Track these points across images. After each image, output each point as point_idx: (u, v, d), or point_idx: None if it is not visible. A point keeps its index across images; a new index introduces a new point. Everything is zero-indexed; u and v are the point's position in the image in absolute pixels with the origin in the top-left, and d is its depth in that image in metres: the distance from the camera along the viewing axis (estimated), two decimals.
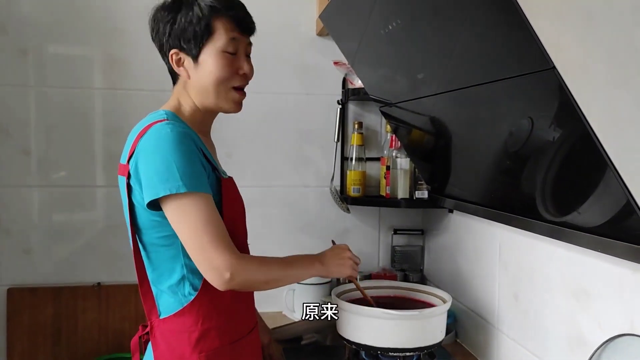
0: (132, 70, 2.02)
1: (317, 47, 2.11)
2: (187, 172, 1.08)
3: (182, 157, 1.08)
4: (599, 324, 1.17)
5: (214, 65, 1.18)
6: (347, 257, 1.34)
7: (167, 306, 1.18)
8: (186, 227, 1.09)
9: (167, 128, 1.11)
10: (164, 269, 1.18)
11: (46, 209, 2.01)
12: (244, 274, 1.10)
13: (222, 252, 1.08)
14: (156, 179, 1.08)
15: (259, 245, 1.35)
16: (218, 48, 1.18)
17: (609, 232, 1.02)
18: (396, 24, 1.24)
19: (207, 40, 1.17)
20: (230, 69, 1.19)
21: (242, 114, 2.05)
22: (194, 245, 1.09)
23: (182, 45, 1.19)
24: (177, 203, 1.09)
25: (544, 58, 0.84)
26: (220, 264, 1.08)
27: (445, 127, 1.54)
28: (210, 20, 1.17)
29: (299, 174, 2.14)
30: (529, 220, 1.26)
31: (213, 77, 1.19)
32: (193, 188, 1.08)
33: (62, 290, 1.97)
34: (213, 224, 1.09)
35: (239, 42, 1.20)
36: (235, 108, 1.25)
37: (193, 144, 1.12)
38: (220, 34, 1.17)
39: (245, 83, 1.24)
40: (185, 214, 1.09)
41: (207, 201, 1.10)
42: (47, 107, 1.99)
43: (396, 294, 1.67)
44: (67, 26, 1.98)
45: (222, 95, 1.21)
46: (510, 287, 1.53)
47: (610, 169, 0.87)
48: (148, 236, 1.17)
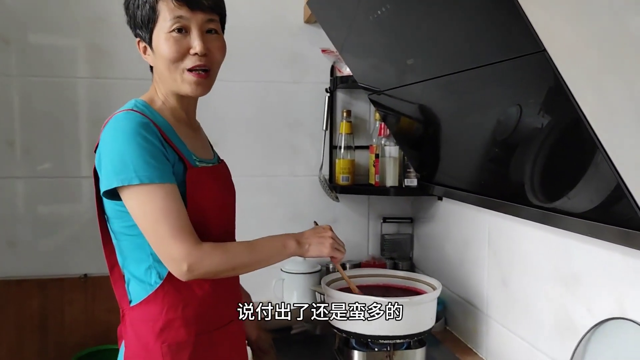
0: (116, 59, 1.98)
1: (305, 35, 2.09)
2: (141, 164, 1.06)
3: (137, 148, 1.06)
4: (588, 308, 1.18)
5: (162, 48, 1.14)
6: (327, 236, 1.30)
7: (136, 294, 1.17)
8: (143, 218, 1.09)
9: (124, 118, 1.10)
10: (132, 257, 1.17)
11: (31, 201, 1.98)
12: (205, 264, 1.09)
13: (179, 243, 1.07)
14: (110, 170, 1.08)
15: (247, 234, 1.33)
16: (164, 29, 1.13)
17: (599, 216, 1.02)
18: (385, 9, 1.22)
19: (155, 24, 1.14)
20: (177, 49, 1.13)
21: (229, 103, 2.07)
22: (153, 236, 1.09)
23: (138, 33, 1.18)
24: (133, 194, 1.08)
25: (534, 41, 0.84)
26: (178, 255, 1.07)
27: (434, 114, 1.53)
28: (155, 2, 1.13)
29: (287, 163, 2.13)
30: (518, 206, 1.26)
31: (163, 61, 1.15)
32: (147, 179, 1.06)
33: (48, 282, 1.94)
34: (171, 215, 1.07)
35: (190, 20, 1.13)
36: (194, 90, 1.17)
37: (152, 134, 1.09)
38: (165, 15, 1.13)
39: (201, 63, 1.15)
40: (141, 205, 1.08)
41: (165, 191, 1.08)
42: (31, 96, 1.95)
43: (385, 282, 1.66)
44: (50, 15, 1.95)
45: (178, 78, 1.16)
46: (499, 274, 1.53)
47: (600, 152, 0.87)
48: (115, 225, 1.17)
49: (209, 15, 1.15)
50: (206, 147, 1.32)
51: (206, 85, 1.18)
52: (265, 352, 1.49)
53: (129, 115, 1.11)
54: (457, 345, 1.73)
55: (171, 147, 1.13)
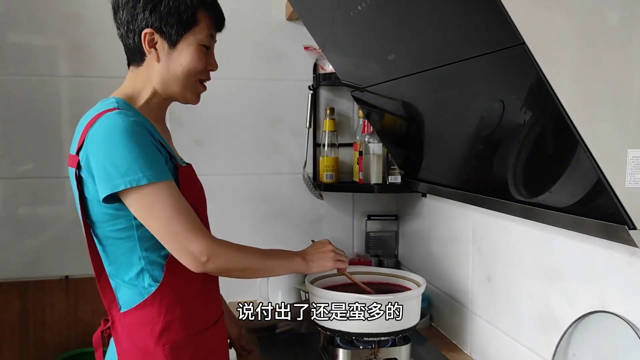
0: (97, 57, 1.96)
1: (287, 32, 2.08)
2: (147, 163, 1.06)
3: (139, 147, 1.06)
4: (571, 302, 1.18)
5: (190, 56, 1.17)
6: (328, 250, 1.33)
7: (127, 299, 1.15)
8: (155, 218, 1.08)
9: (119, 117, 1.07)
10: (121, 262, 1.15)
11: (11, 202, 1.95)
12: (222, 258, 1.10)
13: (197, 237, 1.08)
14: (114, 172, 1.05)
15: (231, 233, 1.32)
16: (198, 40, 1.17)
17: (581, 210, 1.02)
18: (365, 4, 1.22)
19: (189, 30, 1.17)
20: (203, 62, 1.19)
21: (211, 101, 2.04)
22: (167, 234, 1.08)
23: (161, 28, 1.15)
24: (140, 195, 1.06)
25: (513, 34, 0.83)
26: (196, 248, 1.08)
27: (417, 111, 1.53)
28: (196, 10, 1.16)
29: (271, 161, 2.12)
30: (502, 201, 1.26)
31: (186, 67, 1.18)
32: (155, 178, 1.06)
33: (28, 284, 1.91)
34: (182, 211, 1.08)
35: (213, 39, 1.22)
36: (197, 100, 1.25)
37: (147, 133, 1.10)
38: (202, 27, 1.18)
39: (209, 78, 1.26)
40: (151, 206, 1.07)
41: (172, 189, 1.09)
42: (9, 96, 1.92)
43: (370, 279, 1.65)
44: (29, 13, 1.92)
45: (190, 86, 1.20)
46: (483, 269, 1.54)
47: (581, 146, 0.87)
48: (102, 230, 1.14)
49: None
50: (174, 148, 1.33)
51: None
52: (250, 351, 1.48)
53: (122, 115, 1.08)
54: (442, 341, 1.73)
55: (162, 145, 1.14)
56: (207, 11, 1.18)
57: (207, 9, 1.18)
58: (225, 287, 1.41)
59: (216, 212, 1.36)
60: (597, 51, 0.85)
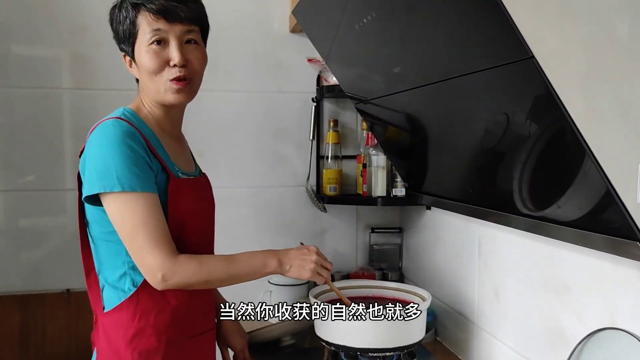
0: (100, 70, 1.96)
1: (290, 44, 2.08)
2: (125, 171, 1.09)
3: (122, 155, 1.09)
4: (580, 318, 1.16)
5: (143, 60, 1.17)
6: (310, 259, 1.23)
7: (109, 300, 1.18)
8: (123, 226, 1.11)
9: (112, 125, 1.12)
10: (108, 263, 1.18)
11: (12, 214, 1.93)
12: (179, 275, 1.11)
13: (155, 253, 1.09)
14: (94, 176, 1.10)
15: (234, 245, 1.31)
16: (144, 43, 1.16)
17: (589, 224, 1.01)
18: (370, 17, 1.21)
19: (135, 38, 1.17)
20: (157, 61, 1.16)
21: (215, 113, 2.05)
22: (131, 244, 1.11)
23: (122, 47, 1.21)
24: (114, 201, 1.10)
25: (522, 48, 0.83)
26: (154, 264, 1.09)
27: (421, 123, 1.52)
28: (135, 17, 1.16)
29: (274, 173, 2.11)
30: (508, 215, 1.25)
31: (146, 73, 1.18)
32: (129, 187, 1.09)
33: (29, 297, 1.89)
34: (149, 224, 1.10)
35: (168, 32, 1.16)
36: (177, 98, 1.19)
37: (137, 143, 1.12)
38: (144, 29, 1.16)
39: (180, 74, 1.17)
40: (121, 213, 1.11)
41: (146, 200, 1.10)
42: (12, 108, 1.92)
43: (375, 293, 1.64)
44: (33, 25, 1.92)
45: (161, 88, 1.19)
46: (490, 284, 1.52)
47: (589, 158, 0.86)
48: (94, 230, 1.19)
49: (187, 26, 1.18)
50: (188, 160, 1.34)
51: (188, 93, 1.21)
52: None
53: (117, 123, 1.13)
54: (448, 356, 1.70)
55: (156, 157, 1.16)
56: (144, 11, 1.16)
57: (144, 9, 1.16)
58: (229, 298, 1.40)
59: (219, 224, 1.35)
60: (606, 64, 0.84)
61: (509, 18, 0.81)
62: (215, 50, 2.00)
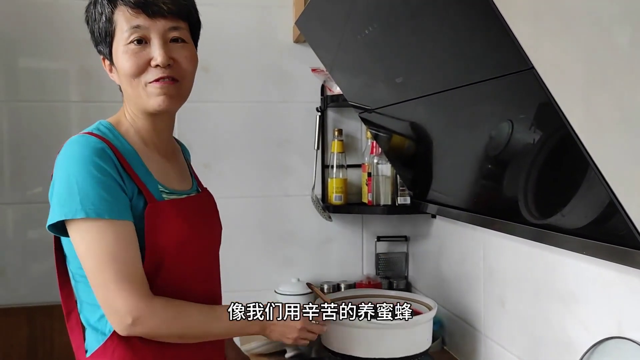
0: (106, 82, 1.94)
1: (294, 54, 2.09)
2: (90, 195, 0.93)
3: (86, 176, 0.94)
4: (587, 327, 1.16)
5: (120, 62, 1.02)
6: (292, 336, 1.14)
7: (90, 344, 1.04)
8: (87, 260, 0.96)
9: (77, 142, 0.98)
10: (87, 302, 1.04)
11: (20, 227, 1.95)
12: (152, 322, 0.95)
13: (124, 293, 0.93)
14: (55, 201, 0.96)
15: (240, 256, 1.32)
16: (122, 42, 1.01)
17: (593, 233, 1.00)
18: (372, 28, 1.22)
19: (113, 37, 1.02)
20: (136, 62, 1.01)
21: (220, 124, 2.06)
22: (95, 282, 0.95)
23: (99, 50, 1.07)
24: (78, 230, 0.95)
25: (522, 59, 0.83)
26: (122, 306, 0.93)
27: (425, 132, 1.52)
28: (111, 13, 1.01)
29: (279, 183, 2.11)
30: (512, 223, 1.24)
31: (124, 77, 1.03)
32: (94, 214, 0.93)
33: (37, 310, 1.90)
34: (119, 259, 0.94)
35: (149, 29, 1.01)
36: (161, 103, 1.03)
37: (107, 161, 0.97)
38: (122, 26, 1.01)
39: (164, 74, 1.02)
40: (86, 244, 0.95)
41: (116, 229, 0.95)
42: (20, 121, 1.94)
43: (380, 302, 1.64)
44: (38, 39, 1.94)
45: (141, 93, 1.03)
46: (496, 292, 1.51)
47: (592, 168, 0.86)
48: (72, 265, 1.05)
49: (171, 22, 1.03)
50: (183, 175, 1.18)
51: (174, 96, 1.04)
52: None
53: (83, 139, 0.99)
54: None
55: (131, 177, 1.00)
56: (122, 6, 1.01)
57: (121, 4, 1.01)
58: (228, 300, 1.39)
59: (224, 235, 1.35)
60: (606, 74, 0.84)
61: (508, 29, 0.81)
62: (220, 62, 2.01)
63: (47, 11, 1.94)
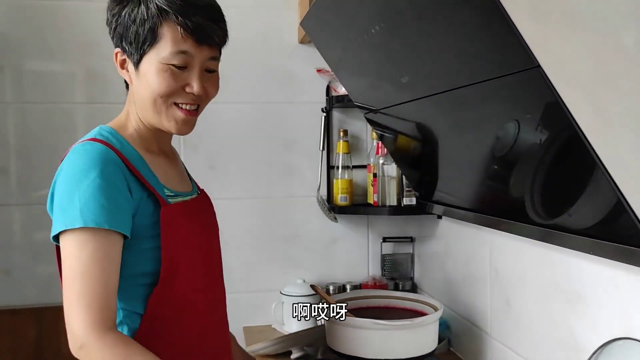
0: (112, 84, 1.98)
1: (299, 55, 2.09)
2: (90, 204, 0.91)
3: (90, 184, 0.92)
4: (594, 328, 1.15)
5: (152, 78, 0.99)
6: None
7: None
8: (64, 269, 0.93)
9: (83, 151, 0.96)
10: None
11: (27, 228, 1.96)
12: (95, 356, 0.89)
13: (81, 316, 0.89)
14: (58, 211, 0.94)
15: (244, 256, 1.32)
16: (161, 59, 0.99)
17: (601, 233, 1.00)
18: (378, 28, 1.22)
19: (150, 48, 0.99)
20: (172, 85, 1.00)
21: (225, 125, 2.06)
22: (64, 296, 0.92)
23: (123, 46, 1.02)
24: (70, 238, 0.92)
25: (528, 57, 0.82)
26: (76, 329, 0.89)
27: (431, 132, 1.52)
28: (157, 24, 0.98)
29: (284, 184, 2.11)
30: (519, 224, 1.24)
31: (150, 92, 1.00)
32: (93, 222, 0.90)
33: (44, 311, 1.91)
34: (90, 276, 0.90)
35: (194, 56, 1.00)
36: (179, 129, 1.03)
37: (113, 168, 0.95)
38: (166, 43, 0.98)
39: (192, 102, 1.03)
40: (68, 253, 0.92)
41: (103, 242, 0.91)
42: (26, 123, 1.95)
43: (386, 303, 1.64)
44: (45, 41, 1.95)
45: (163, 112, 1.02)
46: (502, 293, 1.50)
47: (599, 167, 0.85)
48: None
49: (213, 52, 1.04)
50: (183, 178, 1.18)
51: (192, 124, 1.06)
52: None
53: (89, 146, 0.97)
54: None
55: (139, 180, 0.99)
56: (172, 23, 0.97)
57: (173, 21, 0.97)
58: (236, 311, 1.39)
59: (230, 236, 1.34)
60: (613, 72, 0.83)
61: (513, 27, 0.81)
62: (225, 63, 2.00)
63: (53, 13, 1.95)
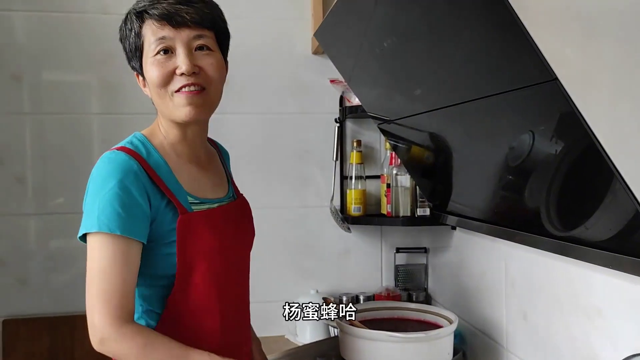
0: (128, 95, 2.00)
1: (313, 66, 2.10)
2: (107, 210, 0.98)
3: (108, 192, 0.99)
4: (614, 343, 1.13)
5: (149, 74, 1.06)
6: None
7: None
8: (87, 271, 1.00)
9: (109, 160, 1.03)
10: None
11: (43, 237, 1.98)
12: (117, 347, 0.97)
13: (101, 311, 0.97)
14: (84, 215, 1.03)
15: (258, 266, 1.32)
16: (150, 54, 1.05)
17: (618, 246, 0.98)
18: (391, 41, 1.22)
19: (142, 51, 1.06)
20: (162, 72, 1.04)
21: (239, 135, 2.07)
22: (86, 293, 1.00)
23: (132, 65, 1.11)
24: (91, 242, 1.01)
25: (545, 70, 0.82)
26: (97, 323, 0.97)
27: (445, 142, 1.51)
28: (139, 28, 1.06)
29: (298, 194, 2.11)
30: (535, 236, 1.22)
31: (152, 89, 1.07)
32: (106, 228, 0.98)
33: (58, 320, 1.92)
34: (107, 275, 0.98)
35: (174, 39, 1.04)
36: (188, 113, 1.05)
37: (133, 179, 1.01)
38: (149, 39, 1.05)
39: (189, 82, 1.04)
40: (90, 256, 1.00)
41: (119, 246, 0.99)
42: (43, 133, 1.97)
43: (400, 315, 1.62)
44: (62, 52, 1.98)
45: (169, 104, 1.06)
46: (518, 306, 1.49)
47: (617, 179, 0.84)
48: None
49: (196, 31, 1.05)
50: (218, 183, 1.21)
51: (202, 106, 1.06)
52: None
53: (114, 155, 1.04)
54: None
55: (160, 189, 1.04)
56: (148, 19, 1.05)
57: (148, 18, 1.05)
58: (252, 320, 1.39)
59: None
60: (632, 85, 0.83)
61: (530, 40, 0.80)
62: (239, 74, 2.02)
63: (70, 25, 1.98)
